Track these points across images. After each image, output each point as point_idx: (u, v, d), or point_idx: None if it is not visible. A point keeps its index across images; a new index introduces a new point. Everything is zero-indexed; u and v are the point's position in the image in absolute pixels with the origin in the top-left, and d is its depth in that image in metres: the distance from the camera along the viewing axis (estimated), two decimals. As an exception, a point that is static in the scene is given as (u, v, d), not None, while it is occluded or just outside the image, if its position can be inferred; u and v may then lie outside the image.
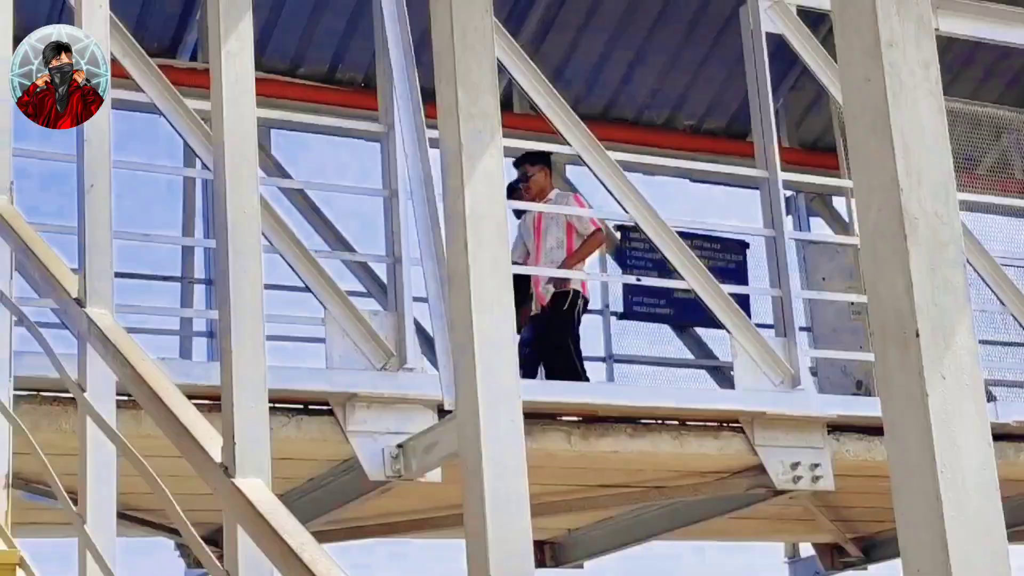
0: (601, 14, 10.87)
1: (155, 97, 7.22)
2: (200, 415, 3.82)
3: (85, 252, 4.56)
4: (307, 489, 7.91)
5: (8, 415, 5.20)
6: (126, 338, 4.30)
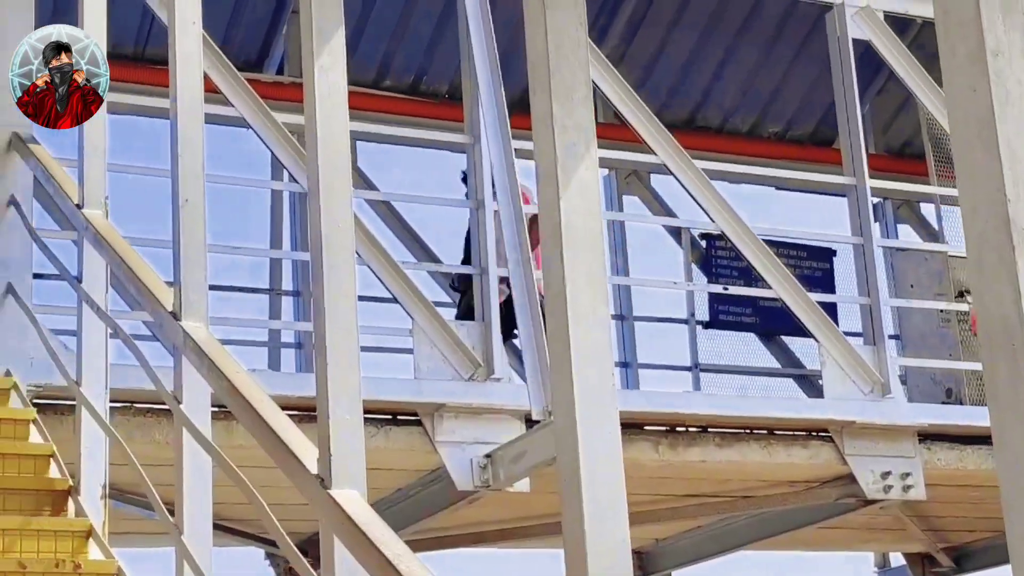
0: (685, 22, 10.84)
1: (244, 111, 7.29)
2: (295, 427, 3.86)
3: (180, 266, 4.61)
4: (395, 499, 7.95)
5: (105, 427, 5.28)
6: (221, 350, 4.35)
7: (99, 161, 5.76)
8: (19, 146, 6.51)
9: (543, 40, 2.78)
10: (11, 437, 5.76)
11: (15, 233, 6.52)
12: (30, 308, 6.35)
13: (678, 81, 11.21)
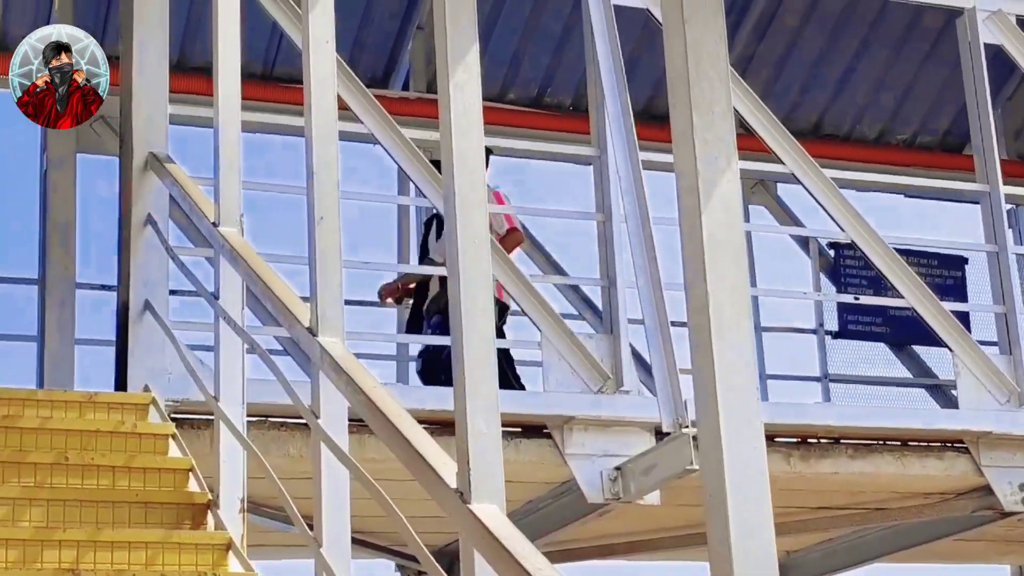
0: (811, 28, 10.75)
1: (373, 127, 7.36)
2: (432, 441, 3.89)
3: (316, 282, 4.66)
4: (526, 511, 7.96)
5: (243, 441, 5.36)
6: (358, 366, 4.39)
7: (234, 179, 5.86)
8: (155, 165, 6.64)
9: (682, 55, 2.78)
10: (151, 451, 5.87)
11: (152, 251, 6.64)
12: (167, 324, 6.46)
13: (804, 88, 11.12)
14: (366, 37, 10.18)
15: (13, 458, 5.51)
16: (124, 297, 6.65)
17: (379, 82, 10.15)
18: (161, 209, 6.73)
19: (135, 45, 6.85)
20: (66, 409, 6.07)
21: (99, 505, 5.35)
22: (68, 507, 5.29)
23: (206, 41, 9.62)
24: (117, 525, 5.27)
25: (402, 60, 10.35)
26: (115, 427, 5.91)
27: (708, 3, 2.79)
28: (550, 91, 10.78)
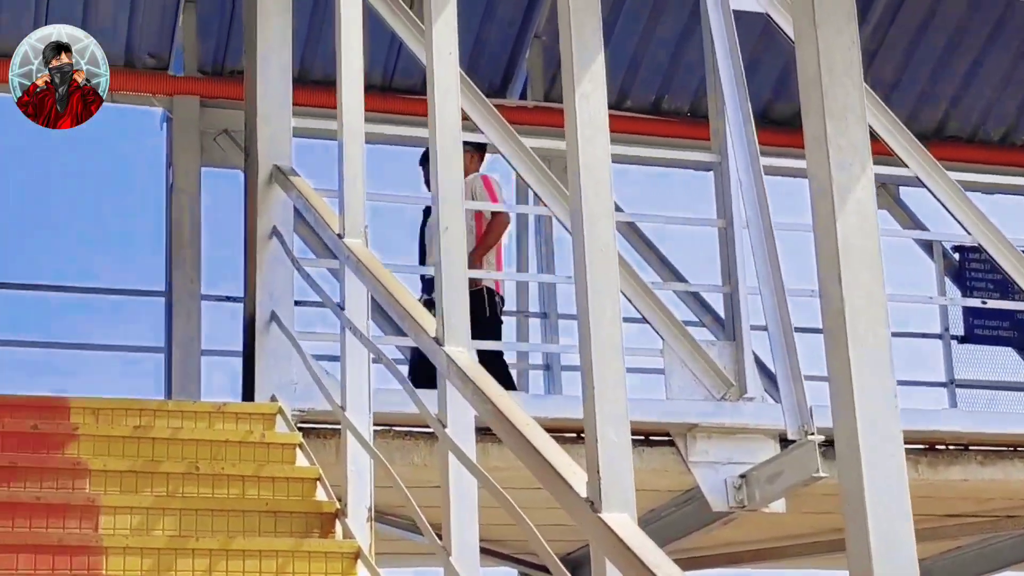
0: (934, 30, 10.61)
1: (492, 136, 7.39)
2: (561, 450, 3.89)
3: (441, 292, 4.69)
4: (649, 520, 7.94)
5: (370, 450, 5.40)
6: (484, 375, 4.41)
7: (358, 191, 5.91)
8: (280, 179, 6.72)
9: (815, 60, 2.76)
10: (279, 461, 5.94)
11: (278, 263, 6.73)
12: (293, 335, 6.54)
13: (927, 90, 10.97)
14: (483, 46, 10.22)
15: (146, 468, 5.61)
16: (251, 309, 6.75)
17: (496, 91, 10.19)
18: (286, 222, 6.82)
19: (259, 60, 6.95)
20: (195, 419, 6.17)
21: (230, 514, 5.42)
22: (200, 516, 5.37)
23: (327, 55, 9.74)
24: (248, 534, 5.34)
25: (519, 69, 10.38)
26: (244, 437, 5.99)
27: (840, 8, 2.76)
28: (668, 97, 10.75)
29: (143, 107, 9.57)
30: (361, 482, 5.55)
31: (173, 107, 9.46)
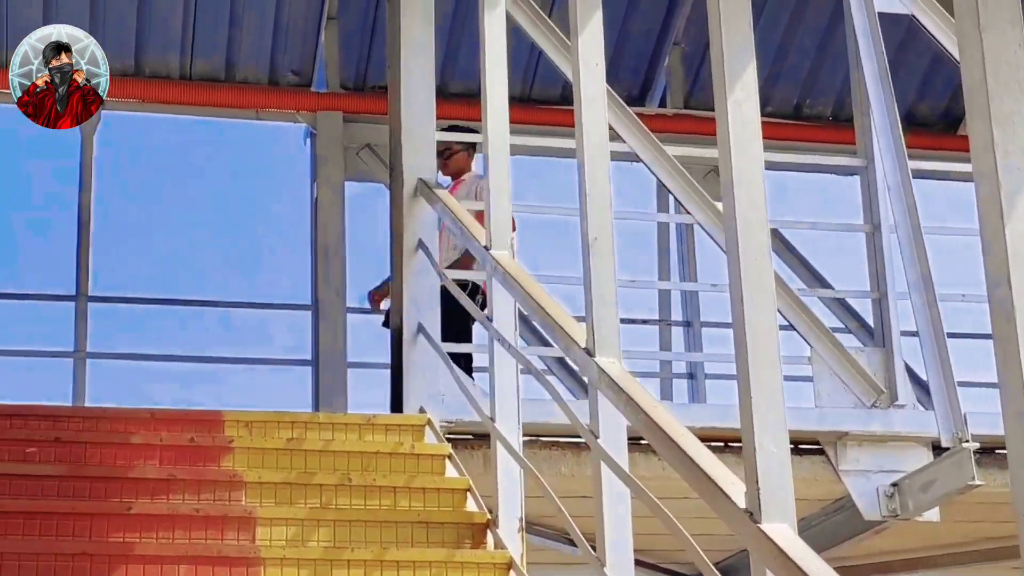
0: None
1: (634, 145, 7.37)
2: (717, 460, 3.87)
3: (591, 303, 4.69)
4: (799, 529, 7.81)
5: (521, 461, 5.42)
6: (636, 385, 4.40)
7: (504, 203, 5.94)
8: (425, 191, 6.78)
9: (980, 65, 2.71)
10: (429, 472, 5.98)
11: (424, 275, 6.78)
12: (440, 346, 6.59)
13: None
14: (622, 55, 10.20)
15: (300, 480, 5.68)
16: (397, 321, 6.81)
17: (635, 100, 10.17)
18: (431, 234, 6.87)
19: (402, 75, 7.02)
20: (346, 431, 6.25)
21: (382, 525, 5.48)
22: (353, 527, 5.43)
23: (465, 68, 9.81)
24: (401, 545, 5.39)
25: (658, 77, 10.36)
26: (394, 448, 6.05)
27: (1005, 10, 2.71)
28: (809, 102, 10.64)
29: (287, 123, 9.71)
30: (511, 493, 5.57)
31: (317, 123, 9.60)
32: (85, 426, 5.97)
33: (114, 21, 9.47)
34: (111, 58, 9.49)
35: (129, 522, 5.21)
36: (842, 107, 10.39)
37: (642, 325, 10.11)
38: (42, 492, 5.27)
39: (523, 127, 8.97)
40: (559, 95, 10.12)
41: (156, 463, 5.69)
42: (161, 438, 5.80)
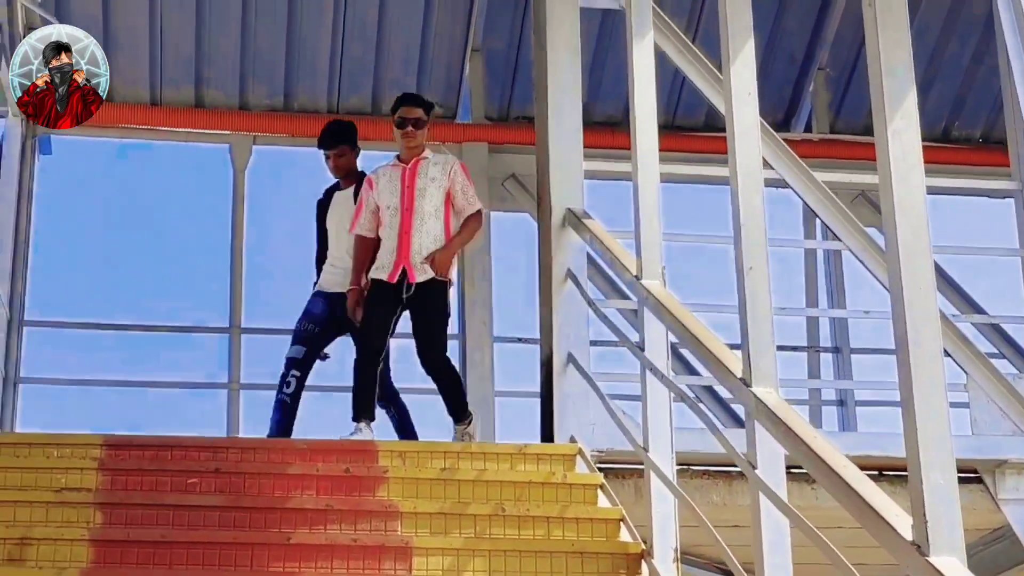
0: None
1: (783, 171, 7.32)
2: (880, 491, 3.82)
3: (747, 332, 4.66)
4: (957, 559, 7.70)
5: (675, 491, 5.40)
6: (794, 415, 4.37)
7: (655, 232, 5.94)
8: (573, 221, 6.81)
9: None
10: (581, 502, 5.98)
11: (573, 305, 6.80)
12: (591, 376, 6.59)
13: None
14: (767, 81, 10.15)
15: (455, 510, 5.72)
16: (547, 350, 6.83)
17: (780, 125, 10.11)
18: (580, 264, 6.89)
19: (550, 107, 7.06)
20: (498, 461, 6.27)
21: (537, 555, 5.48)
22: (508, 557, 5.45)
23: (608, 96, 9.83)
24: (556, 575, 5.39)
25: (803, 102, 10.29)
26: (546, 478, 6.06)
27: None
28: (958, 124, 10.48)
29: (433, 155, 9.80)
30: (666, 522, 5.55)
31: (462, 154, 9.69)
32: (243, 457, 6.07)
33: (263, 58, 9.67)
34: (260, 95, 9.76)
35: (289, 552, 5.29)
36: (993, 128, 10.22)
37: (791, 352, 10.01)
38: (204, 523, 5.37)
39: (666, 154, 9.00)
40: (703, 122, 10.10)
41: (313, 493, 5.77)
42: (318, 468, 5.88)
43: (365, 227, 6.99)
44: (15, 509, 5.45)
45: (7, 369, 8.82)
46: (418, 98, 7.11)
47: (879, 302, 8.50)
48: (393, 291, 6.80)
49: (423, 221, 6.82)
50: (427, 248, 6.80)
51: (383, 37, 9.68)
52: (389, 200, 6.90)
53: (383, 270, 6.84)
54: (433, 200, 6.86)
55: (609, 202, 9.80)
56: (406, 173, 6.92)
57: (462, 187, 6.93)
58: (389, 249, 6.85)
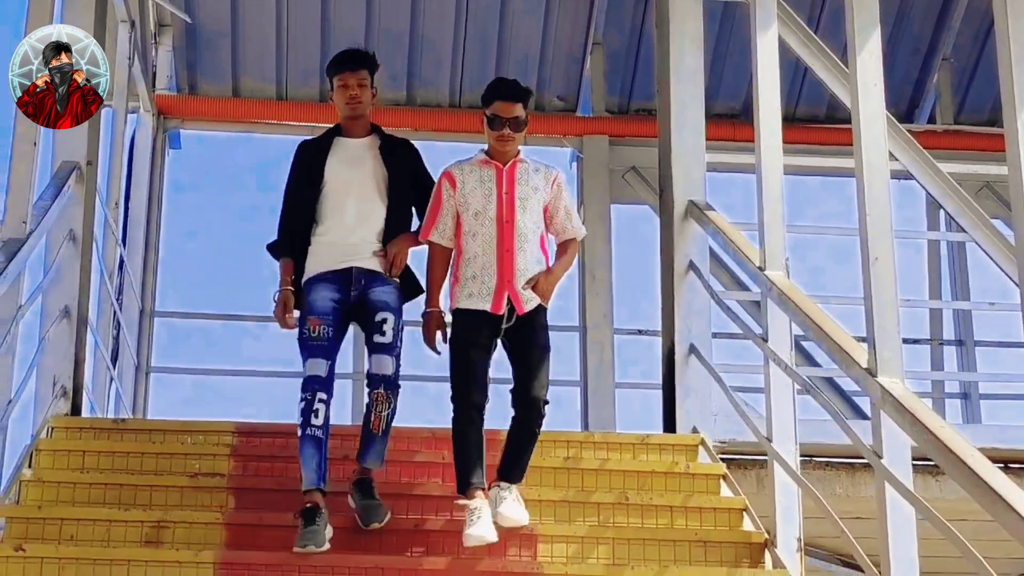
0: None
1: (906, 162, 7.29)
2: (1011, 481, 3.83)
3: (872, 323, 4.68)
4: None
5: (800, 481, 5.42)
6: (921, 405, 4.38)
7: (778, 223, 5.96)
8: (696, 213, 6.83)
9: None
10: (704, 491, 6.02)
11: (695, 296, 6.83)
12: (713, 367, 6.62)
13: None
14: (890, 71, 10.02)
15: (578, 498, 5.79)
16: (669, 342, 6.86)
17: (904, 116, 10.03)
18: (702, 256, 6.91)
19: (672, 99, 7.08)
20: (620, 451, 6.33)
21: (660, 543, 5.54)
22: (632, 545, 5.51)
23: (729, 88, 9.83)
24: (679, 563, 5.45)
25: (927, 93, 10.20)
26: (669, 468, 6.11)
27: None
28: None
29: (554, 147, 9.89)
30: (789, 513, 5.58)
31: (583, 147, 9.76)
32: (370, 444, 6.16)
33: (386, 53, 9.79)
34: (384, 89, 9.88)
35: (417, 538, 5.40)
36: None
37: (914, 345, 9.94)
38: (335, 507, 5.48)
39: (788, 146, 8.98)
40: (825, 113, 10.06)
41: (439, 480, 5.86)
42: (443, 456, 5.96)
43: (446, 235, 5.66)
44: (151, 493, 5.62)
45: (139, 358, 9.04)
46: (517, 89, 5.71)
47: (1004, 294, 8.43)
48: (492, 324, 5.51)
49: (525, 238, 5.58)
50: (531, 270, 5.55)
51: (504, 31, 9.76)
52: (480, 205, 5.60)
53: (481, 297, 5.52)
54: (533, 214, 5.62)
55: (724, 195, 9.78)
56: (503, 176, 5.64)
57: (566, 206, 5.73)
58: (483, 268, 5.55)
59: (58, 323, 6.34)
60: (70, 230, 6.47)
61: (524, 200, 5.60)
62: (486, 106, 5.67)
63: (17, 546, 5.04)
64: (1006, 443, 6.89)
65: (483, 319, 5.50)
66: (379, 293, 5.67)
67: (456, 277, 5.61)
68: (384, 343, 5.59)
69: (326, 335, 5.56)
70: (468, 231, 5.61)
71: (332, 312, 5.62)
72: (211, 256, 13.75)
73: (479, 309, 5.50)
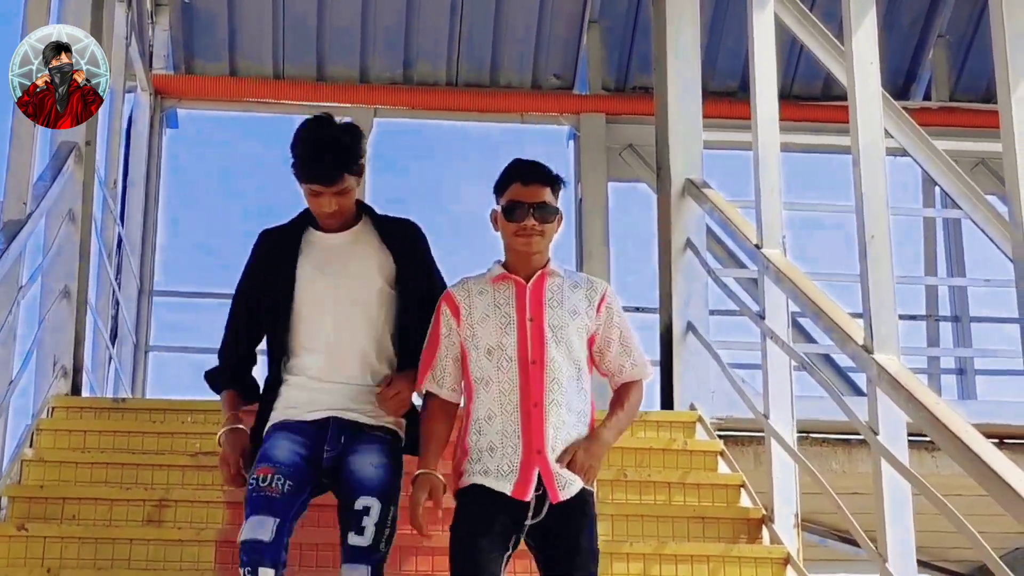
0: None
1: (902, 140, 7.30)
2: (1004, 457, 3.86)
3: (868, 300, 4.71)
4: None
5: (796, 457, 5.46)
6: (917, 382, 4.42)
7: (775, 201, 5.98)
8: (693, 191, 6.86)
9: None
10: (702, 468, 6.05)
11: (692, 274, 6.86)
12: (710, 344, 6.66)
13: None
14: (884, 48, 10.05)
15: (577, 475, 5.81)
16: (667, 319, 6.89)
17: (899, 93, 10.05)
18: (699, 234, 6.94)
19: (669, 77, 7.10)
20: (618, 427, 6.34)
21: (659, 520, 5.57)
22: (630, 522, 5.54)
23: (725, 66, 9.84)
24: (678, 539, 5.48)
25: (922, 70, 10.22)
26: (666, 444, 6.13)
27: None
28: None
29: (550, 126, 9.91)
30: (786, 489, 5.61)
31: (580, 124, 9.78)
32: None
33: (384, 31, 9.81)
34: (381, 68, 9.90)
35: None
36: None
37: (910, 321, 9.97)
38: (334, 485, 5.49)
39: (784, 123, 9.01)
40: (821, 91, 10.07)
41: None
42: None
43: (446, 383, 4.14)
44: (153, 472, 5.64)
45: (138, 337, 9.07)
46: (542, 170, 4.14)
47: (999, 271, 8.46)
48: (513, 511, 3.97)
49: (560, 385, 4.01)
50: (569, 437, 4.04)
51: (501, 8, 9.77)
52: (495, 339, 4.06)
53: (498, 475, 3.98)
54: (573, 347, 4.05)
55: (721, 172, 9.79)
56: (527, 295, 4.09)
57: (622, 334, 4.16)
58: (503, 435, 4.00)
59: (58, 303, 6.36)
60: (69, 210, 6.49)
61: (558, 329, 4.04)
62: (500, 195, 4.13)
63: (20, 525, 5.07)
64: (1001, 419, 6.93)
65: (495, 500, 3.95)
66: (364, 462, 4.12)
67: (464, 447, 4.05)
68: (360, 547, 4.03)
69: (280, 488, 4.02)
70: (480, 377, 4.05)
71: (294, 466, 4.08)
72: (209, 235, 13.76)
73: (492, 489, 3.95)
